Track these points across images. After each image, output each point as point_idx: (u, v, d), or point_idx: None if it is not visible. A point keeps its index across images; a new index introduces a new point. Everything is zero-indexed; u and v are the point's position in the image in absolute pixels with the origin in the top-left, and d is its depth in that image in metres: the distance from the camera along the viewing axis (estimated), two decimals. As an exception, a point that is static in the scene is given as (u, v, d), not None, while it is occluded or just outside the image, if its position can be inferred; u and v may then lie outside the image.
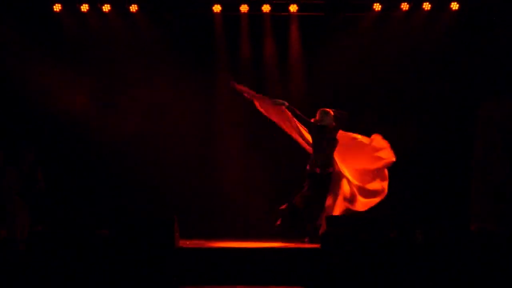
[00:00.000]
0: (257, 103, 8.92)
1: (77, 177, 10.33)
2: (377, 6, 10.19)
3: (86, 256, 7.07)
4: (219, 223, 10.25)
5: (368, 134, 9.50)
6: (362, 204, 8.51)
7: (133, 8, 10.23)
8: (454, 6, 10.17)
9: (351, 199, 8.51)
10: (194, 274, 7.59)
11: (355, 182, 8.54)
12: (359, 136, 8.84)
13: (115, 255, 7.14)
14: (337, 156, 8.63)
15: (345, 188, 8.54)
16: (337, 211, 8.37)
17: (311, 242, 8.36)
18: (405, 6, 10.19)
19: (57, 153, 10.21)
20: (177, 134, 10.52)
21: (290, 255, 7.85)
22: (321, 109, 8.63)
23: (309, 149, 8.73)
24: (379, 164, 8.61)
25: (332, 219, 8.00)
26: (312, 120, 8.59)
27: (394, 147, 10.24)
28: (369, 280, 6.88)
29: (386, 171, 8.68)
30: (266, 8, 10.19)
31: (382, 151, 8.67)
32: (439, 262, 6.82)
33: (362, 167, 8.65)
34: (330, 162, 8.56)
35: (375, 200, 8.57)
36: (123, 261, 7.11)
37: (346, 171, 8.58)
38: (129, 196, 10.19)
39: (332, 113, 8.55)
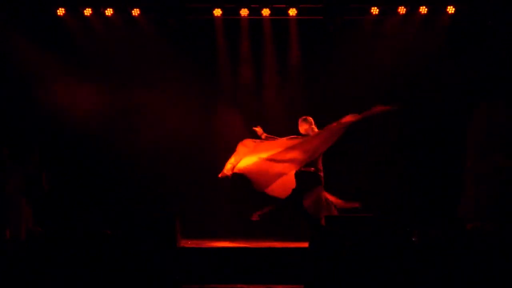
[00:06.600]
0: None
1: (79, 178, 10.41)
2: (374, 10, 10.32)
3: (88, 256, 7.14)
4: (219, 223, 10.35)
5: (365, 135, 9.64)
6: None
7: (135, 12, 10.36)
8: (450, 9, 10.29)
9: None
10: (195, 274, 7.70)
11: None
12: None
13: (117, 255, 7.21)
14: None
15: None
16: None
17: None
18: (402, 10, 10.30)
19: (59, 154, 10.28)
20: (178, 135, 10.59)
21: (290, 255, 7.94)
22: (303, 117, 8.88)
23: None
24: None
25: (331, 219, 8.12)
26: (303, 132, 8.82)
27: (392, 147, 10.41)
28: (368, 280, 6.95)
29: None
30: (265, 12, 10.31)
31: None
32: (435, 262, 6.91)
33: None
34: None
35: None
36: (125, 261, 7.18)
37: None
38: (130, 196, 10.28)
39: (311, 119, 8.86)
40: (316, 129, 8.84)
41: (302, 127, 8.85)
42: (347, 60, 10.48)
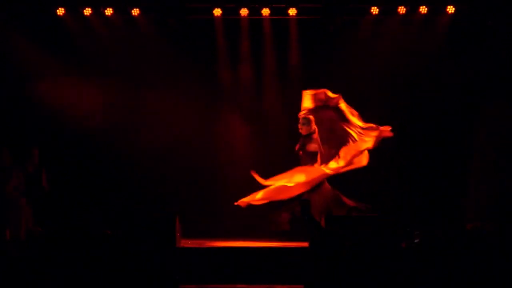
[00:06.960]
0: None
1: (79, 178, 10.42)
2: (374, 10, 10.32)
3: (88, 256, 7.14)
4: (219, 223, 10.35)
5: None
6: None
7: (135, 12, 10.36)
8: (450, 9, 10.30)
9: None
10: (194, 274, 7.69)
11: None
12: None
13: (117, 255, 7.21)
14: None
15: None
16: None
17: None
18: (402, 10, 10.31)
19: (59, 154, 10.29)
20: (178, 135, 10.60)
21: (290, 255, 7.94)
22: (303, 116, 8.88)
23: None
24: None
25: (332, 219, 8.11)
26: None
27: (392, 147, 10.40)
28: (368, 280, 6.95)
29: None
30: (265, 12, 10.32)
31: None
32: (435, 262, 6.91)
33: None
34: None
35: None
36: (125, 261, 7.18)
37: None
38: (130, 196, 10.29)
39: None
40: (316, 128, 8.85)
41: (305, 127, 8.82)
42: (347, 60, 10.49)
